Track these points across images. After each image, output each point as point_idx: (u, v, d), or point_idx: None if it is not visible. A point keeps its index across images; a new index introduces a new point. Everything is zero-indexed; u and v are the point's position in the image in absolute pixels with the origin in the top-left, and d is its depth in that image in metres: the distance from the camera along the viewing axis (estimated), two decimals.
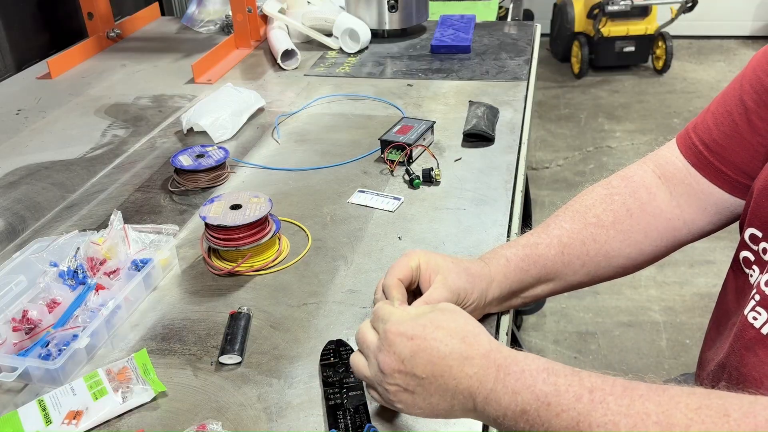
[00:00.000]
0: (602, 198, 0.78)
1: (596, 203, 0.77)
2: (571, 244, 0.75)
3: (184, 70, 1.58)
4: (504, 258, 0.73)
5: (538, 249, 0.74)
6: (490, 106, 1.25)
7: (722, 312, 0.78)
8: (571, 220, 0.76)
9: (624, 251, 0.76)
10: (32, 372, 0.72)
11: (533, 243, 0.75)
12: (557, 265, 0.74)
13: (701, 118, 0.77)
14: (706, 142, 0.75)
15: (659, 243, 0.78)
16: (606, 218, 0.76)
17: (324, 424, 0.66)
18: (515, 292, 0.75)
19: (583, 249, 0.75)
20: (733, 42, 4.45)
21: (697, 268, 2.33)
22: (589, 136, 3.35)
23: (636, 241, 0.76)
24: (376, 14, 1.69)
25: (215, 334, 0.78)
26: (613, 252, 0.76)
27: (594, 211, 0.77)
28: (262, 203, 0.89)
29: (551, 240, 0.75)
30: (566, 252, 0.74)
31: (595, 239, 0.75)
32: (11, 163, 1.20)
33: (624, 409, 0.49)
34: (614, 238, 0.76)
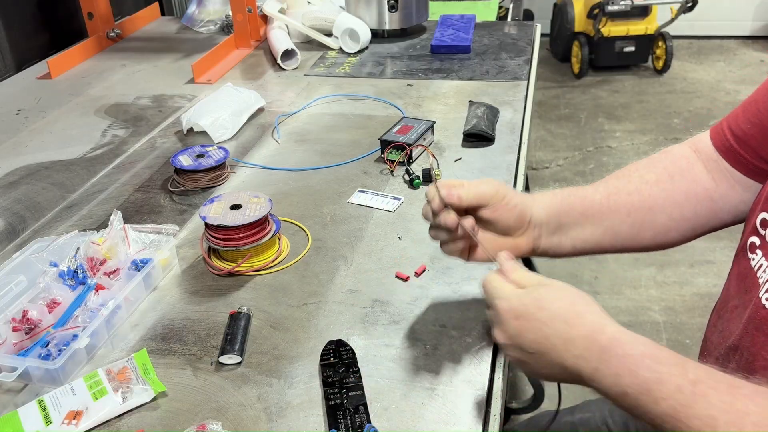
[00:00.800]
0: (644, 164, 0.80)
1: (639, 166, 0.80)
2: (617, 193, 0.77)
3: (184, 70, 1.58)
4: (550, 192, 0.78)
5: (584, 192, 0.77)
6: (490, 106, 1.25)
7: (724, 297, 0.79)
8: (615, 177, 0.79)
9: (666, 208, 0.78)
10: (32, 372, 0.72)
11: (580, 188, 0.78)
12: (603, 208, 0.77)
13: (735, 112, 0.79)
14: (732, 129, 0.76)
15: (698, 209, 0.79)
16: (649, 177, 0.78)
17: (324, 424, 0.66)
18: (563, 226, 0.76)
19: (629, 199, 0.77)
20: (733, 42, 4.44)
21: (697, 268, 2.33)
22: (589, 136, 3.35)
23: (677, 201, 0.78)
24: (376, 14, 1.69)
25: (215, 334, 0.78)
26: (657, 207, 0.78)
27: (638, 171, 0.79)
28: (262, 203, 0.89)
29: (597, 187, 0.78)
30: (611, 198, 0.77)
31: (639, 192, 0.77)
32: (11, 163, 1.20)
33: (725, 406, 0.50)
34: (657, 195, 0.77)
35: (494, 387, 0.72)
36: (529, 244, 0.76)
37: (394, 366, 0.73)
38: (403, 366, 0.73)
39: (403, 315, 0.80)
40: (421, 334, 0.77)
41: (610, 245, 0.79)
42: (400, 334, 0.77)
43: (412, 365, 0.73)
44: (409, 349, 0.75)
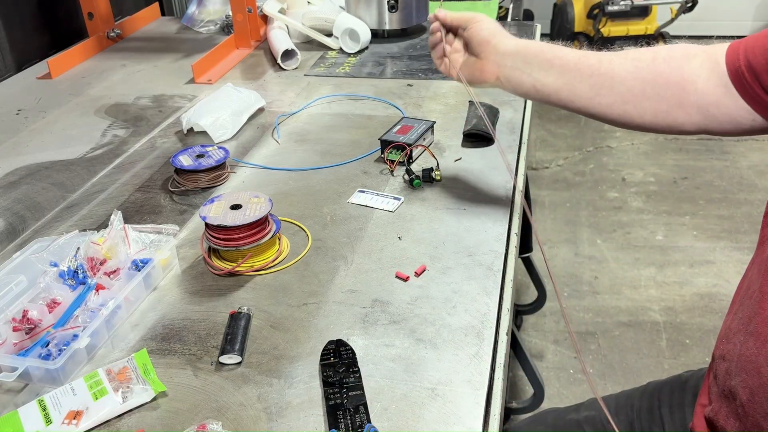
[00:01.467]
0: (650, 47, 0.83)
1: (644, 48, 0.83)
2: (588, 57, 0.83)
3: (184, 70, 1.58)
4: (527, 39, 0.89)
5: (559, 46, 0.86)
6: (490, 106, 1.25)
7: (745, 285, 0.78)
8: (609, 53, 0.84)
9: (628, 81, 0.80)
10: (32, 372, 0.72)
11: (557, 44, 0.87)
12: (569, 64, 0.84)
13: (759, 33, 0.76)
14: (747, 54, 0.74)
15: (663, 93, 0.79)
16: (632, 54, 0.82)
17: (324, 424, 0.66)
18: (528, 64, 0.86)
19: (596, 63, 0.82)
20: None
21: (697, 268, 2.34)
22: (589, 136, 3.35)
23: (642, 78, 0.80)
24: (376, 14, 1.69)
25: (215, 334, 0.78)
26: (619, 77, 0.81)
27: (634, 52, 0.82)
28: (262, 203, 0.89)
29: (573, 50, 0.85)
30: (581, 60, 0.83)
31: (610, 61, 0.82)
32: (11, 163, 1.20)
33: None
34: (625, 66, 0.81)
35: (494, 387, 0.72)
36: (494, 70, 0.90)
37: (394, 366, 0.73)
38: (403, 366, 0.73)
39: (403, 315, 0.80)
40: (421, 334, 0.77)
41: (567, 99, 0.85)
42: (400, 334, 0.77)
43: (412, 365, 0.73)
44: (409, 349, 0.75)
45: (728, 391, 0.74)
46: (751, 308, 0.73)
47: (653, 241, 2.50)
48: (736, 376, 0.73)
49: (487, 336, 0.76)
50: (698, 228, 2.53)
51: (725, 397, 0.75)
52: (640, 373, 1.93)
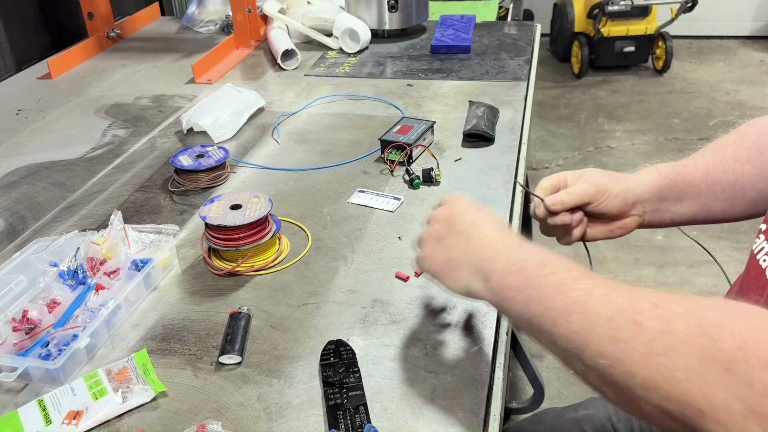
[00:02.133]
0: (735, 138, 0.84)
1: (730, 142, 0.83)
2: (714, 171, 0.82)
3: (184, 70, 1.58)
4: (655, 169, 0.83)
5: (687, 169, 0.82)
6: (490, 106, 1.25)
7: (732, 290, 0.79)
8: (711, 153, 0.83)
9: (757, 185, 0.82)
10: (32, 372, 0.72)
11: (681, 165, 0.83)
12: (701, 186, 0.82)
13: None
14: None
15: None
16: (741, 154, 0.82)
17: (324, 424, 0.66)
18: (663, 202, 0.83)
19: (724, 177, 0.82)
20: (733, 42, 4.44)
21: (697, 268, 2.33)
22: (589, 136, 3.35)
23: (767, 177, 0.82)
24: (376, 14, 1.69)
25: (215, 334, 0.78)
26: (748, 184, 0.82)
27: (730, 148, 0.83)
28: (262, 203, 0.89)
29: (697, 164, 0.83)
30: (710, 176, 0.82)
31: (733, 170, 0.82)
32: (11, 163, 1.20)
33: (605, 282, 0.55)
34: (749, 172, 0.81)
35: (494, 387, 0.72)
36: (635, 222, 0.84)
37: (394, 366, 0.73)
38: (403, 366, 0.73)
39: (403, 315, 0.80)
40: (421, 334, 0.77)
41: (703, 219, 0.85)
42: (400, 334, 0.77)
43: (412, 365, 0.73)
44: (409, 349, 0.75)
45: None
46: None
47: (653, 241, 2.50)
48: None
49: (487, 336, 0.76)
50: (698, 228, 2.52)
51: None
52: None
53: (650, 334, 0.48)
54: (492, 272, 0.62)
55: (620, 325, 0.50)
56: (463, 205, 0.70)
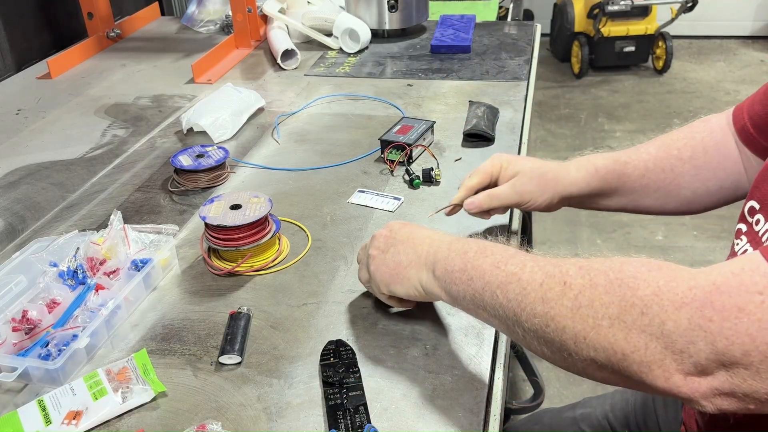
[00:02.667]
0: (685, 134, 0.85)
1: (680, 137, 0.85)
2: (654, 170, 0.83)
3: (184, 70, 1.58)
4: (593, 167, 0.84)
5: (626, 168, 0.83)
6: (490, 106, 1.25)
7: None
8: (657, 148, 0.84)
9: (693, 185, 0.83)
10: (32, 372, 0.72)
11: (623, 161, 0.84)
12: (636, 185, 0.83)
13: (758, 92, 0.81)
14: (749, 110, 0.80)
15: (723, 183, 0.83)
16: (686, 152, 0.83)
17: (324, 424, 0.66)
18: (593, 196, 0.85)
19: (662, 176, 0.83)
20: (733, 42, 4.44)
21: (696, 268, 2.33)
22: (589, 136, 3.35)
23: (705, 177, 0.83)
24: (376, 14, 1.69)
25: (215, 334, 0.78)
26: (684, 184, 0.83)
27: (677, 144, 0.84)
28: (262, 203, 0.89)
29: (638, 162, 0.83)
30: (647, 176, 0.83)
31: (672, 169, 0.83)
32: (11, 163, 1.20)
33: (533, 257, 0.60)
34: (688, 171, 0.83)
35: (494, 387, 0.71)
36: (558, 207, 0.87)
37: (394, 366, 0.73)
38: (403, 366, 0.73)
39: (403, 315, 0.80)
40: (421, 334, 0.77)
41: (630, 210, 0.87)
42: (400, 334, 0.77)
43: (412, 365, 0.73)
44: (409, 349, 0.75)
45: None
46: None
47: (653, 241, 2.50)
48: None
49: (487, 336, 0.76)
50: (698, 228, 2.52)
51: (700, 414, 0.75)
52: None
53: (576, 290, 0.54)
54: (437, 261, 0.67)
55: (550, 287, 0.55)
56: (398, 223, 0.75)
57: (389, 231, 0.74)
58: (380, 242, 0.74)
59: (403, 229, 0.74)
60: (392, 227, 0.74)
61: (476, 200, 0.85)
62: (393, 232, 0.74)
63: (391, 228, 0.74)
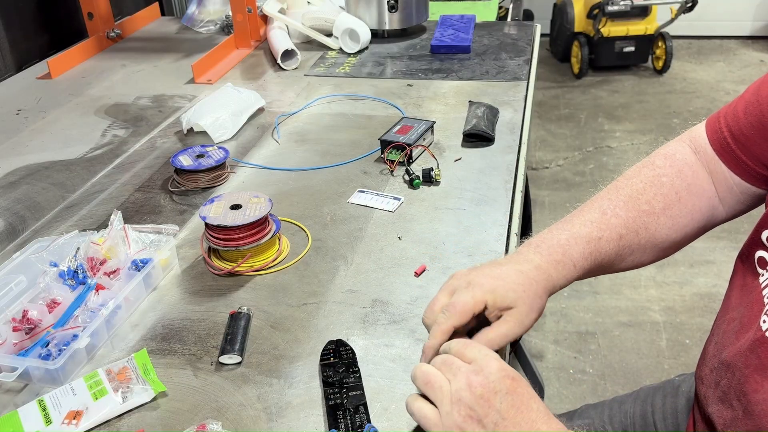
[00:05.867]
0: (651, 180, 0.78)
1: (646, 187, 0.77)
2: (627, 236, 0.75)
3: (184, 70, 1.58)
4: (572, 263, 0.72)
5: (600, 245, 0.74)
6: (490, 106, 1.25)
7: (724, 306, 0.77)
8: (625, 207, 0.76)
9: (671, 237, 0.77)
10: (32, 372, 0.72)
11: (596, 238, 0.74)
12: (612, 257, 0.75)
13: (733, 105, 0.76)
14: (732, 130, 0.75)
15: (700, 223, 0.79)
16: (657, 204, 0.76)
17: (324, 424, 0.66)
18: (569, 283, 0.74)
19: (636, 239, 0.76)
20: (733, 42, 4.44)
21: (697, 268, 2.33)
22: (589, 136, 3.35)
23: (682, 224, 0.77)
24: (376, 14, 1.69)
25: (215, 334, 0.78)
26: (661, 238, 0.77)
27: (645, 196, 0.77)
28: (262, 203, 0.89)
29: (612, 234, 0.75)
30: (622, 244, 0.75)
31: (647, 228, 0.76)
32: (11, 163, 1.20)
33: None
34: (664, 224, 0.76)
35: None
36: None
37: (394, 366, 0.73)
38: (403, 366, 0.73)
39: (403, 315, 0.80)
40: (421, 334, 0.77)
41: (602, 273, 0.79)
42: (400, 334, 0.77)
43: (412, 365, 0.72)
44: (409, 349, 0.75)
45: (707, 417, 0.73)
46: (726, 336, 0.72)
47: None
48: (712, 404, 0.72)
49: None
50: None
51: (706, 421, 0.74)
52: (639, 373, 1.93)
53: None
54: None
55: None
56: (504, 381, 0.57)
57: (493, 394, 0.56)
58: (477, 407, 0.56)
59: (510, 396, 0.57)
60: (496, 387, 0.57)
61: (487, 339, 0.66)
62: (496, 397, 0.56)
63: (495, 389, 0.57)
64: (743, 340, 0.68)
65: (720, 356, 0.72)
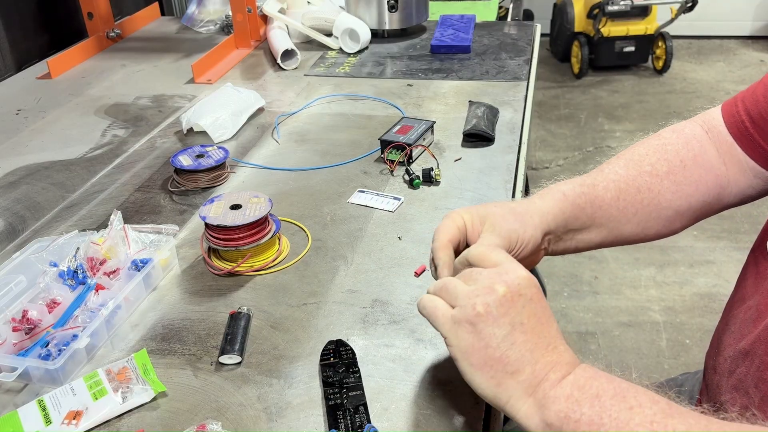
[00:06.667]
0: (656, 148, 0.77)
1: (650, 152, 0.76)
2: (627, 190, 0.74)
3: (184, 70, 1.58)
4: (561, 192, 0.72)
5: (596, 189, 0.73)
6: (490, 106, 1.25)
7: (739, 296, 0.76)
8: (626, 166, 0.75)
9: (675, 203, 0.76)
10: (32, 372, 0.72)
11: (590, 183, 0.73)
12: (612, 209, 0.73)
13: (752, 89, 0.75)
14: (750, 113, 0.73)
15: (707, 198, 0.77)
16: (660, 168, 0.75)
17: (324, 424, 0.66)
18: (571, 230, 0.73)
19: (638, 197, 0.74)
20: (733, 42, 4.45)
21: (697, 268, 2.33)
22: (589, 136, 3.35)
23: (687, 193, 0.76)
24: (376, 14, 1.69)
25: (215, 334, 0.78)
26: (665, 203, 0.75)
27: (648, 159, 0.75)
28: (262, 203, 0.89)
29: (608, 183, 0.74)
30: (622, 197, 0.73)
31: (649, 188, 0.74)
32: (11, 163, 1.20)
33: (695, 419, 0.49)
34: (667, 188, 0.75)
35: None
36: (540, 255, 0.74)
37: (394, 366, 0.73)
38: (403, 366, 0.73)
39: (403, 315, 0.80)
40: (421, 334, 0.77)
41: (610, 243, 0.77)
42: (400, 334, 0.77)
43: (412, 365, 0.73)
44: (409, 349, 0.75)
45: (719, 405, 0.73)
46: (744, 324, 0.71)
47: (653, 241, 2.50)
48: (726, 392, 0.71)
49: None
50: (698, 228, 2.53)
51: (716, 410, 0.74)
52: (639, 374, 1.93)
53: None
54: (553, 399, 0.52)
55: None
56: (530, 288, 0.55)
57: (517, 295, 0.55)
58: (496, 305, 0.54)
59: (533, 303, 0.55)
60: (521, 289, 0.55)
61: None
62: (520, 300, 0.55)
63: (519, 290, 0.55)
64: (761, 327, 0.67)
65: (737, 345, 0.71)
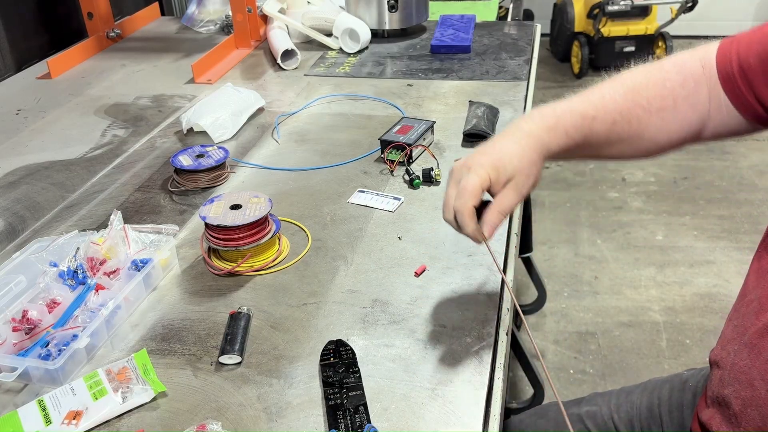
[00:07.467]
0: (655, 81, 0.79)
1: (650, 85, 0.79)
2: (620, 123, 0.78)
3: (184, 70, 1.58)
4: (564, 131, 0.77)
5: (594, 124, 0.78)
6: (490, 106, 1.25)
7: (742, 292, 0.78)
8: (624, 96, 0.79)
9: (657, 136, 0.79)
10: (32, 372, 0.72)
11: (591, 116, 0.78)
12: (601, 139, 0.79)
13: (751, 33, 0.76)
14: (740, 58, 0.74)
15: (687, 134, 0.80)
16: (654, 104, 0.78)
17: (324, 424, 0.66)
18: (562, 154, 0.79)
19: (627, 128, 0.79)
20: None
21: (697, 268, 2.33)
22: None
23: (671, 130, 0.79)
24: (376, 14, 1.69)
25: (215, 334, 0.78)
26: (648, 135, 0.79)
27: (646, 93, 0.79)
28: (262, 203, 0.89)
29: (606, 117, 0.78)
30: (614, 130, 0.78)
31: (639, 121, 0.78)
32: (11, 163, 1.20)
33: None
34: (654, 124, 0.79)
35: (494, 387, 0.72)
36: None
37: (394, 366, 0.73)
38: (403, 366, 0.73)
39: (403, 315, 0.80)
40: (421, 334, 0.77)
41: (587, 158, 0.84)
42: (400, 334, 0.77)
43: (412, 365, 0.73)
44: (409, 349, 0.75)
45: (722, 399, 0.74)
46: (747, 318, 0.72)
47: (653, 241, 2.50)
48: (729, 385, 0.72)
49: (487, 336, 0.76)
50: (698, 228, 2.53)
51: (719, 404, 0.75)
52: (640, 373, 1.93)
53: None
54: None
55: None
56: None
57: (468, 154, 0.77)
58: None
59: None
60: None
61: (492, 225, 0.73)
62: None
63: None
64: (764, 319, 0.68)
65: (742, 338, 0.72)
